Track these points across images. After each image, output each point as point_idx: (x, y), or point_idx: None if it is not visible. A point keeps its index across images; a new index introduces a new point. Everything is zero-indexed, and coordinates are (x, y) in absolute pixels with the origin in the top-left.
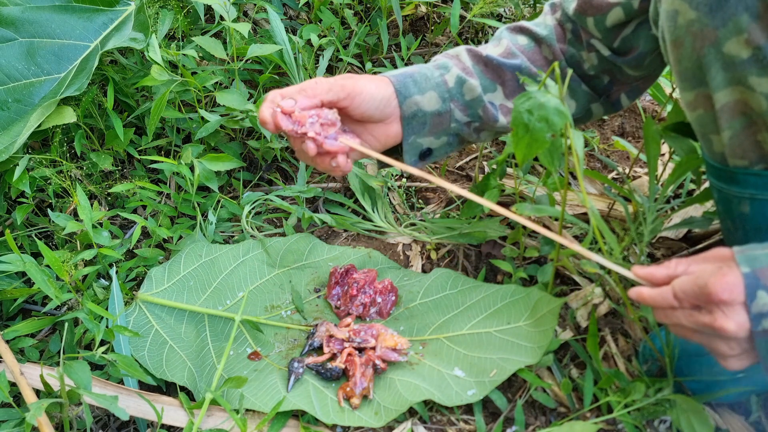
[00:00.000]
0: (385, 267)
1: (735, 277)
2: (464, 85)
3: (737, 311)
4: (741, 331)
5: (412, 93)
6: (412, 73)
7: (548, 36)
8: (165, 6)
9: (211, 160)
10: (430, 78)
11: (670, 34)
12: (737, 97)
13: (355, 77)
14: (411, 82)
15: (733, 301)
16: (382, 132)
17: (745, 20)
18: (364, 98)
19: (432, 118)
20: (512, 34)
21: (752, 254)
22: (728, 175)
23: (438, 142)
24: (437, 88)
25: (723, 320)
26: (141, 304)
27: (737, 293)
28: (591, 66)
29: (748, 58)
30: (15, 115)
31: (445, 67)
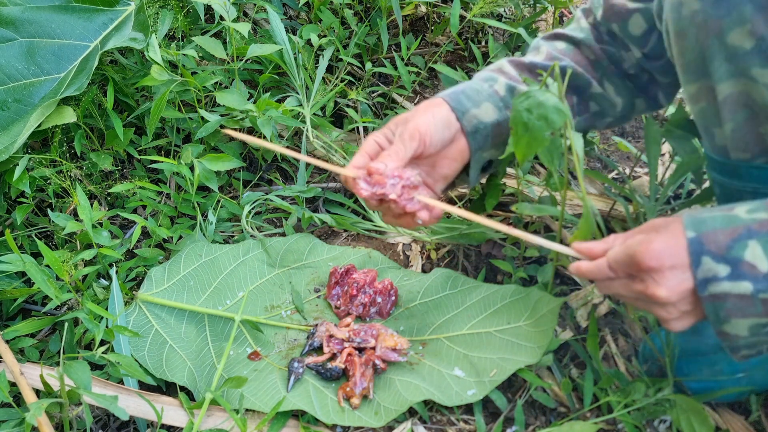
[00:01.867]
0: (385, 267)
1: (662, 242)
2: (515, 92)
3: (667, 276)
4: (673, 295)
5: (468, 107)
6: (462, 89)
7: (586, 38)
8: (165, 6)
9: (211, 160)
10: (480, 91)
11: (674, 26)
12: (740, 89)
13: (409, 119)
14: (464, 98)
15: (662, 267)
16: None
17: (748, 11)
18: (432, 133)
19: (493, 128)
20: (550, 42)
21: (700, 217)
22: (730, 168)
23: (498, 152)
24: (490, 99)
25: (654, 287)
26: (141, 304)
27: (664, 258)
28: (631, 65)
29: (751, 49)
30: (15, 115)
31: (492, 79)
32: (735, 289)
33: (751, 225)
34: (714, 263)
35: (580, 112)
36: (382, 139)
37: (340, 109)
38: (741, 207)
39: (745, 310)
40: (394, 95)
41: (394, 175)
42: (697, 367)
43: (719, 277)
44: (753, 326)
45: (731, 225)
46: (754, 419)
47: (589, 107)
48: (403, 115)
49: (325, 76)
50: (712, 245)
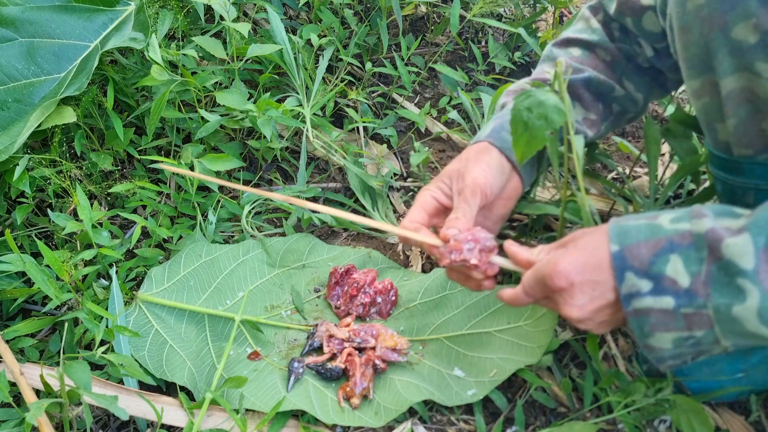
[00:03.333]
0: (385, 267)
1: (567, 261)
2: None
3: (575, 295)
4: (585, 313)
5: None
6: (501, 125)
7: (600, 40)
8: (165, 6)
9: (211, 160)
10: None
11: (679, 20)
12: (744, 84)
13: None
14: (506, 134)
15: (570, 286)
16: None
17: (753, 5)
18: (491, 183)
19: (536, 157)
20: (563, 49)
21: (625, 226)
22: (733, 165)
23: (542, 170)
24: None
25: (565, 307)
26: (141, 303)
27: (572, 277)
28: (644, 59)
29: (755, 44)
30: (15, 115)
31: None
32: (657, 304)
33: (672, 237)
34: (637, 279)
35: (606, 118)
36: (439, 193)
37: (340, 109)
38: (665, 215)
39: (668, 324)
40: (394, 95)
41: (468, 239)
42: (697, 367)
43: (642, 292)
44: (676, 339)
45: (654, 237)
46: (754, 419)
47: (612, 110)
48: (454, 166)
49: (325, 76)
50: (635, 261)
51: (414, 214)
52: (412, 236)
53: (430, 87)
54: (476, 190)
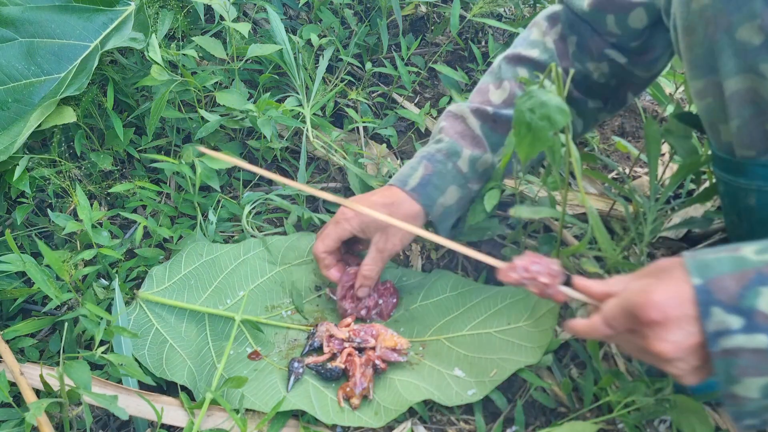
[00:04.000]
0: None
1: (664, 292)
2: (477, 163)
3: (671, 330)
4: (679, 351)
5: (435, 198)
6: (429, 176)
7: (548, 61)
8: (165, 6)
9: (212, 159)
10: (445, 174)
11: (683, 21)
12: (748, 85)
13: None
14: (432, 189)
15: (666, 320)
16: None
17: (759, 6)
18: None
19: (456, 205)
20: (512, 67)
21: (703, 260)
22: (735, 166)
23: (463, 210)
24: (455, 181)
25: (657, 343)
26: (141, 302)
27: (669, 310)
28: (601, 74)
29: (760, 45)
30: (15, 115)
31: (456, 154)
32: (750, 343)
33: (761, 268)
34: (725, 314)
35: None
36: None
37: (340, 109)
38: (748, 247)
39: (760, 367)
40: (394, 95)
41: (534, 261)
42: None
43: (732, 330)
44: (765, 387)
45: (740, 269)
46: None
47: None
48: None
49: (325, 76)
50: (722, 294)
51: (328, 243)
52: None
53: (430, 87)
54: (393, 253)
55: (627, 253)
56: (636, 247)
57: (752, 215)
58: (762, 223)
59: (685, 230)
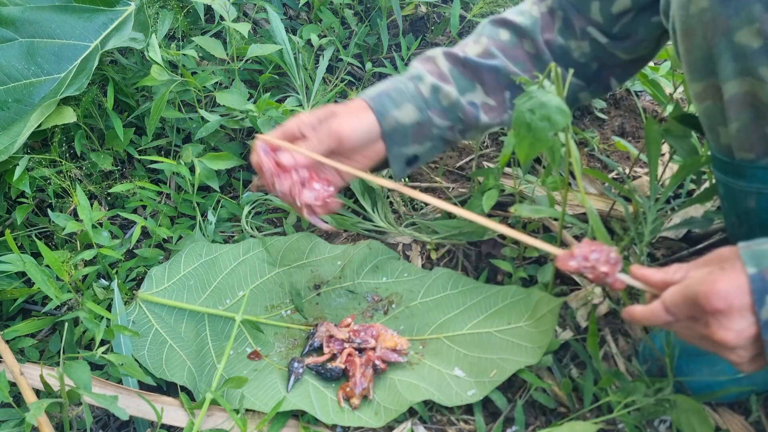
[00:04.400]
0: (386, 258)
1: (728, 282)
2: (440, 92)
3: (734, 319)
4: (741, 340)
5: (390, 109)
6: (387, 89)
7: (531, 29)
8: (165, 6)
9: (212, 159)
10: (404, 91)
11: (682, 24)
12: (746, 89)
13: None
14: (387, 99)
15: (729, 309)
16: (371, 150)
17: (757, 9)
18: (353, 137)
19: (412, 128)
20: (494, 28)
21: (759, 250)
22: (735, 168)
23: (422, 147)
24: (413, 100)
25: (720, 331)
26: (141, 303)
27: (732, 299)
28: (582, 54)
29: (759, 48)
30: (15, 115)
31: (419, 78)
32: None
33: None
34: None
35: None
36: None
37: None
38: None
39: None
40: None
41: (592, 249)
42: (697, 367)
43: None
44: None
45: None
46: (754, 419)
47: None
48: (334, 107)
49: (325, 76)
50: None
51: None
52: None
53: None
54: (334, 135)
55: (627, 253)
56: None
57: (752, 218)
58: (762, 226)
59: (685, 230)
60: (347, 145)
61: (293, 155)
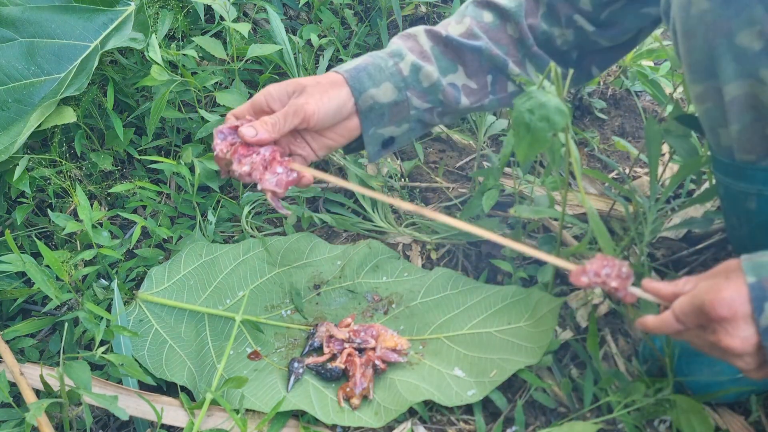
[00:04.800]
0: (386, 257)
1: (733, 291)
2: (420, 72)
3: (740, 326)
4: (748, 346)
5: (367, 87)
6: (366, 65)
7: (516, 12)
8: (165, 6)
9: (211, 160)
10: (384, 69)
11: (683, 25)
12: (747, 90)
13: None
14: (365, 76)
15: (734, 316)
16: (344, 128)
17: (759, 12)
18: (320, 116)
19: (389, 108)
20: (478, 9)
21: (760, 261)
22: (735, 170)
23: (399, 130)
24: (392, 78)
25: (727, 339)
26: (141, 303)
27: (736, 307)
28: (564, 41)
29: (760, 50)
30: (15, 115)
31: (399, 55)
32: None
33: None
34: None
35: (496, 92)
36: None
37: None
38: None
39: None
40: None
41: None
42: (697, 367)
43: None
44: None
45: None
46: (754, 419)
47: (506, 87)
48: (303, 80)
49: None
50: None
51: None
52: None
53: None
54: (300, 113)
55: (627, 253)
56: (636, 247)
57: (752, 219)
58: (762, 227)
59: (685, 230)
60: (313, 124)
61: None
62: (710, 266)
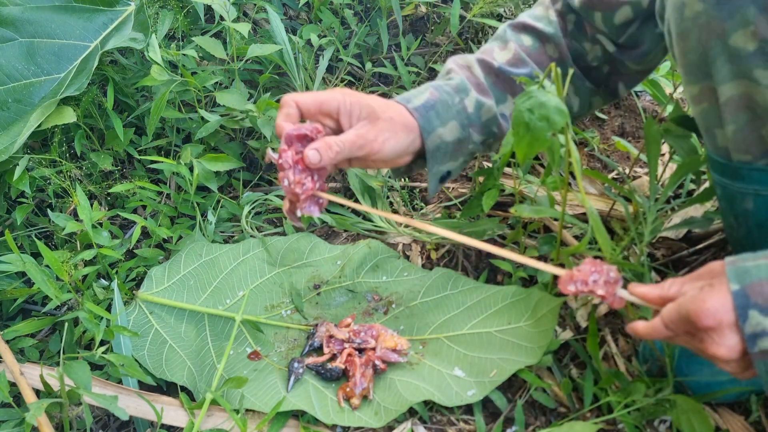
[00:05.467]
0: (386, 256)
1: (716, 300)
2: (482, 109)
3: (725, 335)
4: (733, 354)
5: (436, 127)
6: (434, 103)
7: (555, 34)
8: (165, 6)
9: (210, 161)
10: (451, 106)
11: (677, 27)
12: (742, 91)
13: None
14: (434, 115)
15: (720, 326)
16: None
17: (752, 12)
18: (383, 156)
19: (453, 146)
20: (516, 34)
21: (743, 267)
22: (732, 170)
23: (456, 163)
24: (458, 117)
25: (713, 347)
26: (141, 303)
27: (721, 316)
28: (594, 57)
29: (754, 51)
30: (15, 115)
31: (465, 91)
32: None
33: None
34: (762, 317)
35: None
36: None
37: None
38: None
39: None
40: (394, 95)
41: (591, 270)
42: (697, 367)
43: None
44: None
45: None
46: (754, 419)
47: None
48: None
49: (325, 76)
50: (759, 297)
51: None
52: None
53: None
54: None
55: (627, 253)
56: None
57: (749, 219)
58: (760, 227)
59: (685, 230)
60: (372, 160)
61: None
62: None
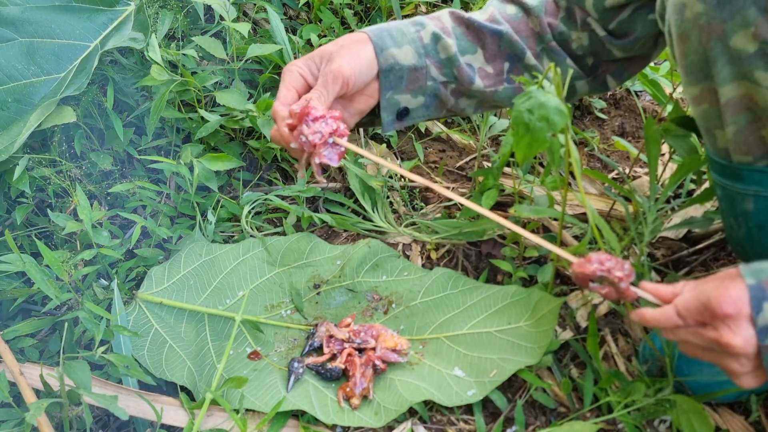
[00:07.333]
0: (385, 255)
1: (739, 290)
2: (439, 42)
3: (743, 326)
4: (748, 347)
5: (389, 46)
6: (389, 27)
7: (537, 7)
8: (165, 6)
9: (210, 160)
10: (405, 33)
11: (677, 28)
12: (743, 92)
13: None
14: (387, 36)
15: (738, 315)
16: (372, 88)
17: (752, 14)
18: (357, 76)
19: (409, 72)
20: (501, 3)
21: (759, 267)
22: (732, 171)
23: (415, 101)
24: (413, 43)
25: (729, 335)
26: (141, 303)
27: (741, 306)
28: (579, 46)
29: (754, 53)
30: (15, 115)
31: (421, 24)
32: None
33: None
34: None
35: (511, 81)
36: (306, 71)
37: None
38: None
39: None
40: None
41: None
42: (697, 367)
43: None
44: None
45: None
46: (754, 419)
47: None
48: (327, 48)
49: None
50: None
51: (285, 94)
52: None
53: None
54: (338, 78)
55: (627, 253)
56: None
57: (749, 220)
58: (759, 228)
59: (685, 230)
60: (352, 85)
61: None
62: (710, 266)
